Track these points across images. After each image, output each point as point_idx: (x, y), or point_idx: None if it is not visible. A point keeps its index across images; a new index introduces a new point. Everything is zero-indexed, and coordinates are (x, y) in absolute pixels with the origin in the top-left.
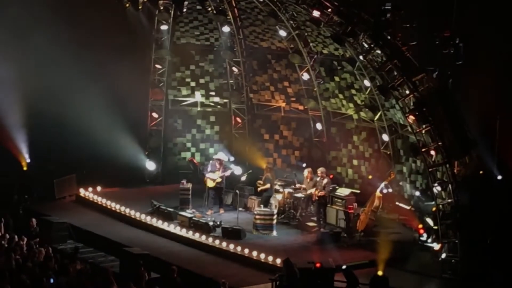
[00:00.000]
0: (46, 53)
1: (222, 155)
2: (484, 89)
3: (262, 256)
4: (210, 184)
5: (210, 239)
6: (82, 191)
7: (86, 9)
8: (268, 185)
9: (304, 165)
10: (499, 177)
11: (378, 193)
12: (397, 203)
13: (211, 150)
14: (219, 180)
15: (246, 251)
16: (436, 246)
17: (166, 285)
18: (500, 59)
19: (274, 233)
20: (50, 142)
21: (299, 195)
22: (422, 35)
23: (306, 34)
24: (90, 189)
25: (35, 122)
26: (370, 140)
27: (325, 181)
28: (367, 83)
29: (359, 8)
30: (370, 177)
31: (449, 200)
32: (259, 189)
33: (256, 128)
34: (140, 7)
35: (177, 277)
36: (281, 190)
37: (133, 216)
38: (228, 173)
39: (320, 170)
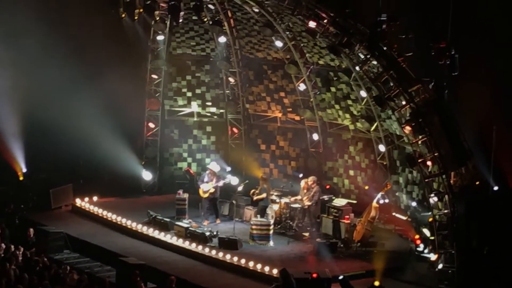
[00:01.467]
0: (41, 63)
1: (214, 165)
2: (480, 99)
3: (259, 266)
4: (203, 194)
5: (207, 249)
6: (78, 201)
7: (82, 19)
8: (263, 195)
9: (300, 175)
10: (496, 188)
11: (374, 203)
12: (393, 213)
13: (208, 160)
14: (212, 190)
15: (243, 261)
16: (433, 257)
17: None
18: (496, 69)
19: (271, 243)
20: (46, 152)
21: (296, 205)
22: (418, 46)
23: (302, 44)
24: (86, 199)
25: (31, 132)
26: (366, 151)
27: (314, 189)
28: (363, 93)
29: (355, 19)
30: (366, 187)
31: (446, 211)
32: (254, 198)
33: (252, 139)
34: (136, 18)
35: (175, 287)
36: (277, 200)
37: (129, 226)
38: (221, 183)
39: (310, 179)
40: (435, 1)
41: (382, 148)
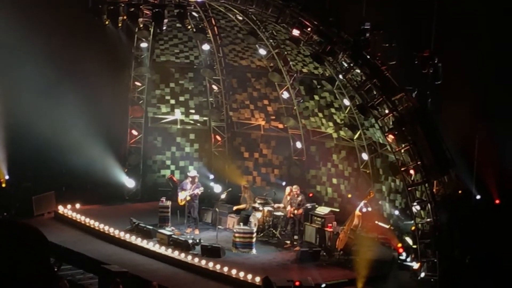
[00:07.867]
0: (24, 71)
1: (194, 173)
2: (462, 108)
3: (241, 274)
4: (180, 202)
5: (189, 257)
6: (60, 208)
7: (65, 26)
8: (243, 205)
9: (283, 183)
10: (478, 197)
11: (357, 212)
12: (376, 222)
13: (191, 168)
14: (188, 198)
15: (225, 269)
16: (415, 265)
17: None
18: (479, 79)
19: (254, 251)
20: (28, 159)
21: (279, 213)
22: (401, 55)
23: (285, 52)
24: (69, 206)
25: (13, 139)
26: (349, 159)
27: (299, 198)
28: (346, 102)
29: (339, 28)
30: (349, 195)
31: (428, 219)
32: (234, 208)
33: (235, 146)
34: (119, 25)
35: None
36: (260, 208)
37: (112, 234)
38: (197, 191)
39: (294, 188)
40: (418, 10)
41: (365, 156)
